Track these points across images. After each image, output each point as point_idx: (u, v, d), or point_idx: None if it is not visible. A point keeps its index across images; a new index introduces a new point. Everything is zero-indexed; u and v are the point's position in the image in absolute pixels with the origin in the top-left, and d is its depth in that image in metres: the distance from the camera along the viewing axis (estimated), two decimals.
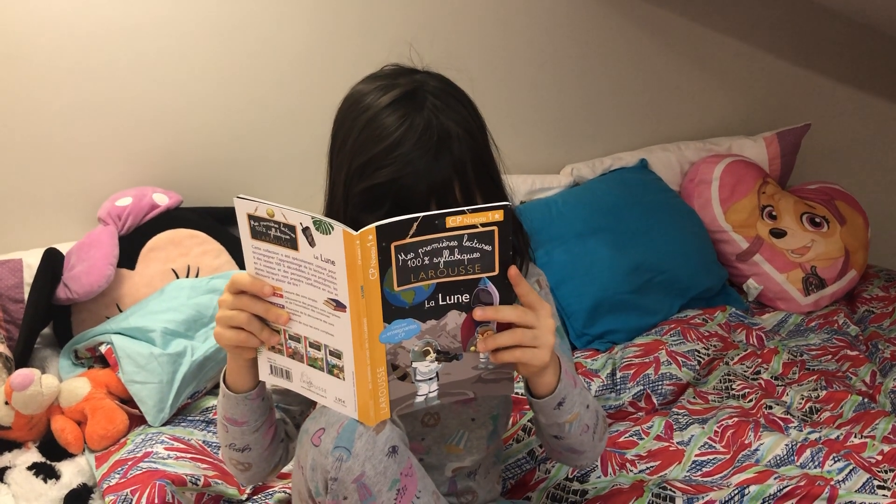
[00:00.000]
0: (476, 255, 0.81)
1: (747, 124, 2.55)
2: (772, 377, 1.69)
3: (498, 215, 0.80)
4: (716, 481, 1.31)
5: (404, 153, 0.89)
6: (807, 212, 2.20)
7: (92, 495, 1.29)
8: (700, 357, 1.72)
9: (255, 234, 0.83)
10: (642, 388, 1.60)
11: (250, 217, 0.82)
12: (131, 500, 1.18)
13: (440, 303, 0.82)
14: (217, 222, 1.78)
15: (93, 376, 1.47)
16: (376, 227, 0.76)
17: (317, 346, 0.84)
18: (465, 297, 0.83)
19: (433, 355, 0.84)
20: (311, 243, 0.78)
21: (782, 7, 2.49)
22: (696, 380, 1.68)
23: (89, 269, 1.58)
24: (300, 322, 0.84)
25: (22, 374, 1.38)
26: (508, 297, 0.85)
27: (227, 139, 1.88)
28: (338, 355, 0.82)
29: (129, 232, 1.67)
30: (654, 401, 1.59)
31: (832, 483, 1.24)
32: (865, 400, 1.57)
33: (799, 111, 2.59)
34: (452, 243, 0.80)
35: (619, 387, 1.61)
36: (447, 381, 0.87)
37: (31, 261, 1.63)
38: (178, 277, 1.67)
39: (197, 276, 1.70)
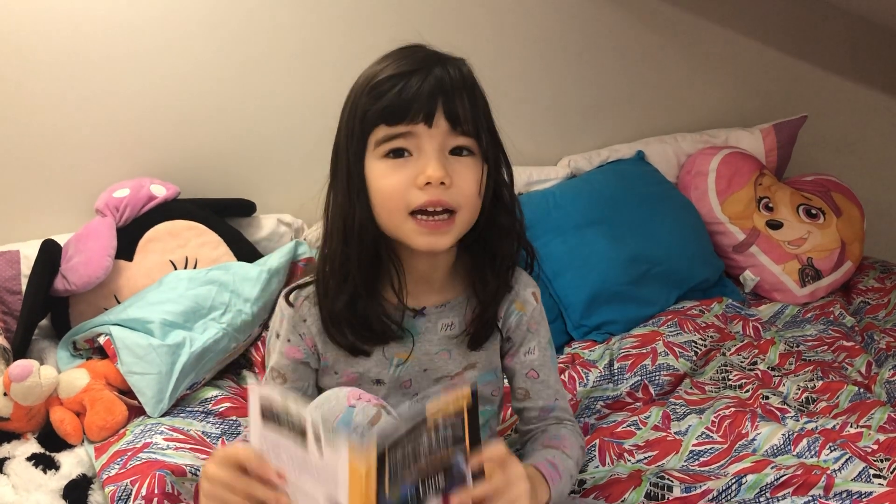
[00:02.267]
0: (450, 436, 0.80)
1: (744, 116, 2.55)
2: (768, 368, 1.70)
3: (466, 397, 0.80)
4: (713, 470, 1.32)
5: (412, 61, 0.91)
6: (803, 203, 2.21)
7: (91, 486, 1.29)
8: (697, 348, 1.72)
9: (267, 417, 0.81)
10: (640, 378, 1.61)
11: (263, 400, 0.81)
12: (131, 490, 1.19)
13: (422, 494, 0.80)
14: (215, 214, 1.78)
15: (91, 367, 1.47)
16: (377, 436, 0.75)
17: None
18: (441, 480, 0.82)
19: None
20: (319, 448, 0.77)
21: None
22: (693, 370, 1.68)
23: (87, 260, 1.57)
24: None
25: (20, 365, 1.38)
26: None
27: (225, 131, 1.88)
28: None
29: (126, 223, 1.67)
30: (652, 391, 1.60)
31: (828, 472, 1.24)
32: (861, 390, 1.58)
33: (795, 103, 2.59)
34: (432, 433, 0.79)
35: (616, 377, 1.62)
36: None
37: (29, 252, 1.63)
38: (176, 269, 1.68)
39: (195, 267, 1.70)
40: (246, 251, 1.77)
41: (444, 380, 1.08)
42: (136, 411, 1.45)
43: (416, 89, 0.89)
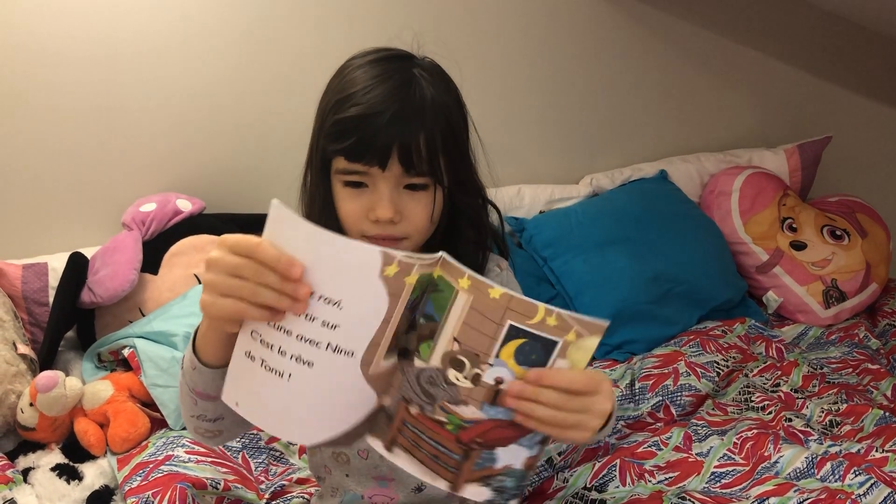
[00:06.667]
0: None
1: (768, 136, 2.54)
2: (791, 390, 1.68)
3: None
4: (735, 493, 1.30)
5: (378, 95, 0.91)
6: (827, 224, 2.19)
7: (114, 497, 1.30)
8: (719, 369, 1.71)
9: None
10: (661, 398, 1.60)
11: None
12: (152, 502, 1.20)
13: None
14: (239, 229, 1.79)
15: (115, 379, 1.49)
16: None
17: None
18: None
19: None
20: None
21: (804, 18, 2.48)
22: (715, 391, 1.67)
23: (113, 273, 1.59)
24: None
25: (46, 376, 1.40)
26: None
27: (251, 146, 1.90)
28: None
29: (152, 237, 1.69)
30: (673, 412, 1.59)
31: (853, 497, 1.23)
32: (887, 414, 1.56)
33: (820, 123, 2.58)
34: None
35: (637, 397, 1.61)
36: None
37: (57, 264, 1.65)
38: (200, 283, 1.69)
39: None
40: None
41: None
42: (159, 423, 1.47)
43: (373, 136, 0.90)
